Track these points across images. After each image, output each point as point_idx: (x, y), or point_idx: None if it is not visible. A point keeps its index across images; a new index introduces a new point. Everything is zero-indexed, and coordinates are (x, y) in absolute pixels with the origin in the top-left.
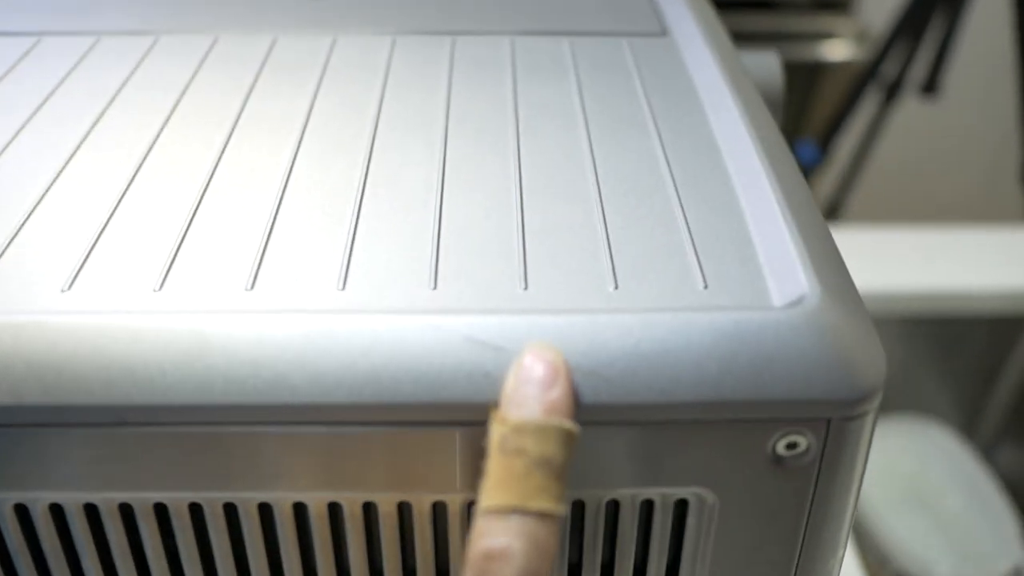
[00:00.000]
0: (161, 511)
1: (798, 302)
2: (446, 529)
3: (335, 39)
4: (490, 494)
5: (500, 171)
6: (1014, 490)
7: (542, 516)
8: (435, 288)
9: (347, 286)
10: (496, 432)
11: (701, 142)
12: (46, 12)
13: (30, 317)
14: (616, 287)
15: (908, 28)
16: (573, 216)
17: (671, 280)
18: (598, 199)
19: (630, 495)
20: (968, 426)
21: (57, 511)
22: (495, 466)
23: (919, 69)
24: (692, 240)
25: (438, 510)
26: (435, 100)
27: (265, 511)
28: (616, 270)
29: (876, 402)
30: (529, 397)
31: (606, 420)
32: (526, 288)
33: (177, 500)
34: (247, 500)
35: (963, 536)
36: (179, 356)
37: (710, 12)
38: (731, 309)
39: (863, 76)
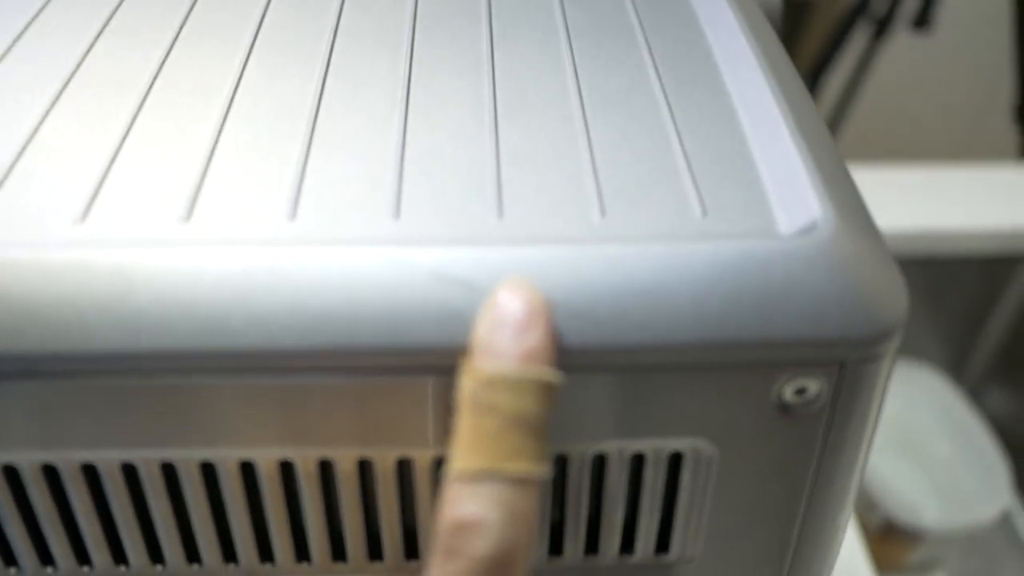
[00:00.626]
0: (91, 473)
1: (809, 229)
2: (413, 489)
3: None
4: (461, 456)
5: (472, 86)
6: (1003, 432)
7: (519, 481)
8: (398, 217)
9: (297, 215)
10: (466, 386)
11: (696, 54)
12: None
13: None
14: (603, 215)
15: None
16: (554, 136)
17: (665, 207)
18: (582, 117)
19: (618, 448)
20: (957, 368)
21: None
22: (465, 424)
23: (910, 3)
24: (688, 162)
25: (404, 468)
26: (401, 6)
27: (208, 471)
28: (603, 196)
29: (896, 342)
30: (503, 343)
31: (593, 365)
32: (501, 216)
33: (107, 460)
34: (186, 459)
35: (951, 480)
36: (100, 296)
37: None
38: (733, 238)
39: (852, 11)
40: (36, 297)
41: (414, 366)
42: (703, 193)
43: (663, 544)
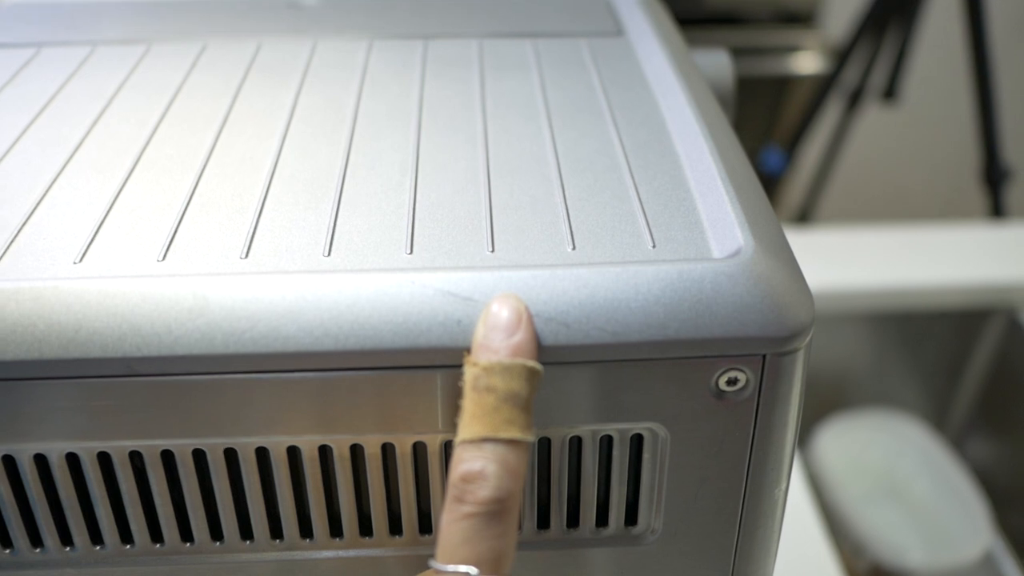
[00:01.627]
0: (168, 458)
1: (735, 254)
2: (426, 468)
3: (315, 43)
4: (466, 427)
5: (469, 155)
6: (984, 480)
7: (511, 443)
8: (411, 253)
9: (332, 252)
10: (469, 373)
11: (652, 126)
12: (44, 24)
13: (47, 283)
14: (574, 248)
15: (866, 38)
16: (536, 192)
17: (623, 241)
18: (558, 177)
19: (591, 431)
20: (938, 419)
21: (73, 460)
22: (469, 403)
23: (879, 77)
24: (643, 209)
25: (418, 450)
26: (409, 95)
27: (262, 455)
28: (574, 235)
29: (806, 339)
30: (496, 341)
31: (566, 360)
32: (493, 251)
33: (182, 447)
34: (246, 445)
35: (934, 524)
36: (181, 313)
37: (663, 14)
38: (675, 261)
39: (825, 85)
40: (134, 314)
41: (424, 364)
42: (653, 230)
43: (632, 517)
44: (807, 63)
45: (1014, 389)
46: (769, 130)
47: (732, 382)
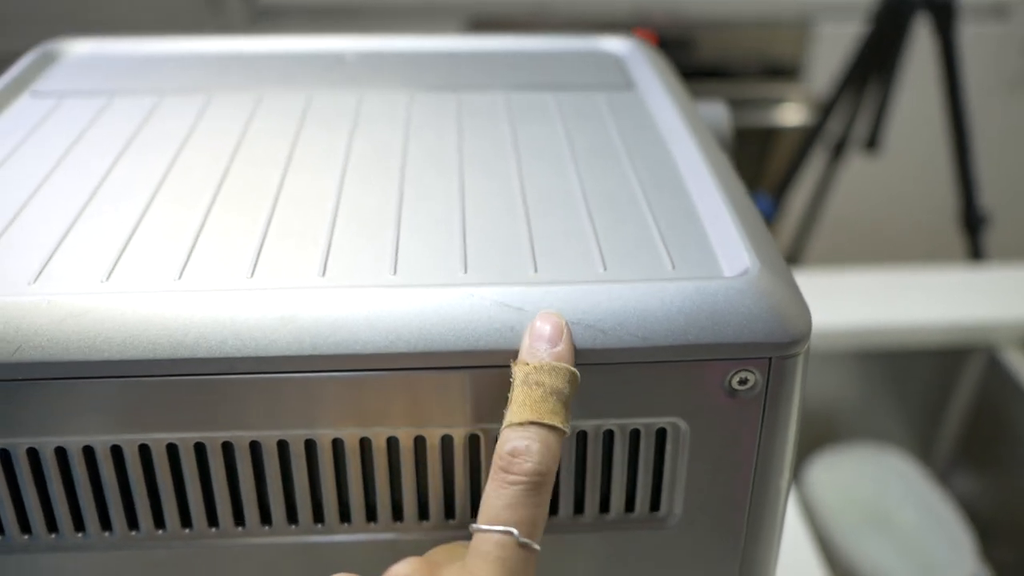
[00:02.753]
0: (227, 449)
1: (744, 273)
2: (452, 462)
3: (362, 95)
4: (514, 414)
5: (507, 192)
6: (969, 512)
7: (553, 428)
8: (466, 272)
9: (397, 272)
10: (520, 371)
11: (665, 167)
12: (115, 75)
13: (157, 295)
14: (605, 269)
15: (849, 91)
16: (568, 223)
17: (647, 263)
18: (586, 210)
19: (621, 425)
20: (923, 453)
21: (145, 451)
22: (518, 395)
23: (861, 128)
24: (662, 236)
25: (445, 444)
26: (447, 141)
27: (311, 448)
28: (604, 258)
29: (805, 345)
30: (541, 350)
31: (603, 362)
32: (536, 271)
33: (239, 438)
34: (296, 438)
35: (921, 551)
36: (274, 321)
37: (668, 70)
38: (693, 279)
39: (810, 135)
40: (233, 321)
41: (480, 364)
42: (672, 256)
43: (655, 504)
44: (792, 115)
45: (995, 424)
46: (757, 179)
47: (743, 382)
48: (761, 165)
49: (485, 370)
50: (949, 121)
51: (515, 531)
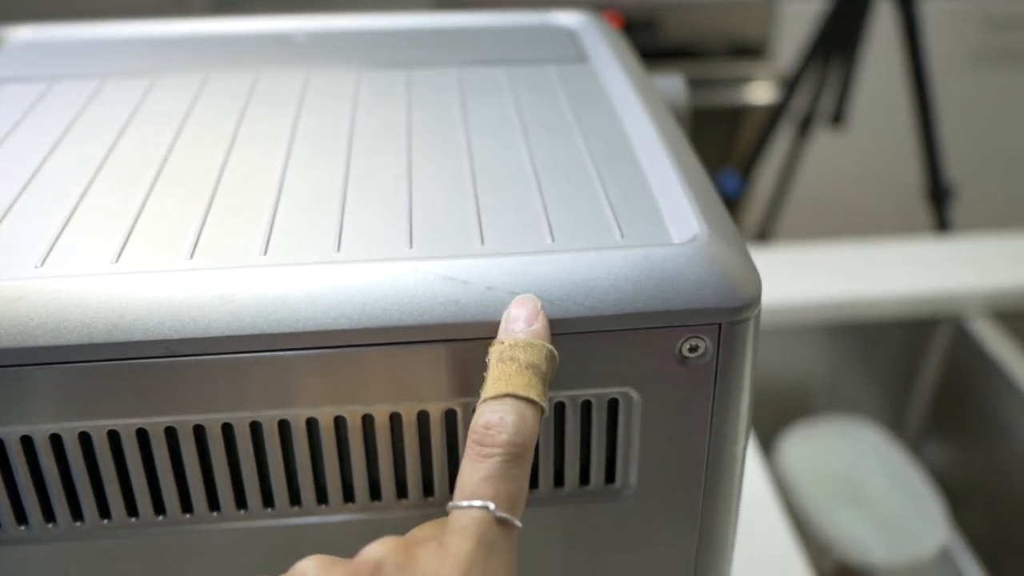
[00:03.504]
0: (199, 433)
1: (692, 240)
2: (428, 436)
3: (309, 74)
4: (489, 389)
5: (456, 167)
6: (940, 480)
7: (529, 401)
8: (411, 247)
9: (341, 248)
10: (495, 350)
11: (617, 139)
12: (57, 60)
13: (92, 279)
14: (553, 240)
15: (813, 67)
16: (517, 197)
17: (595, 233)
18: (536, 184)
19: (572, 396)
20: (894, 423)
21: (114, 437)
22: (493, 371)
23: (827, 103)
24: (611, 207)
25: (422, 419)
26: (397, 117)
27: (284, 428)
28: (553, 230)
29: (756, 310)
30: (517, 329)
31: (551, 333)
32: (483, 244)
33: (211, 421)
34: (270, 418)
35: (894, 522)
36: (213, 300)
37: (621, 42)
38: (641, 247)
39: (776, 112)
40: (171, 302)
41: (427, 339)
42: (621, 224)
43: (610, 476)
44: (760, 93)
45: (963, 393)
46: (725, 158)
47: (693, 349)
48: (730, 144)
49: (432, 345)
50: (913, 95)
51: (492, 505)
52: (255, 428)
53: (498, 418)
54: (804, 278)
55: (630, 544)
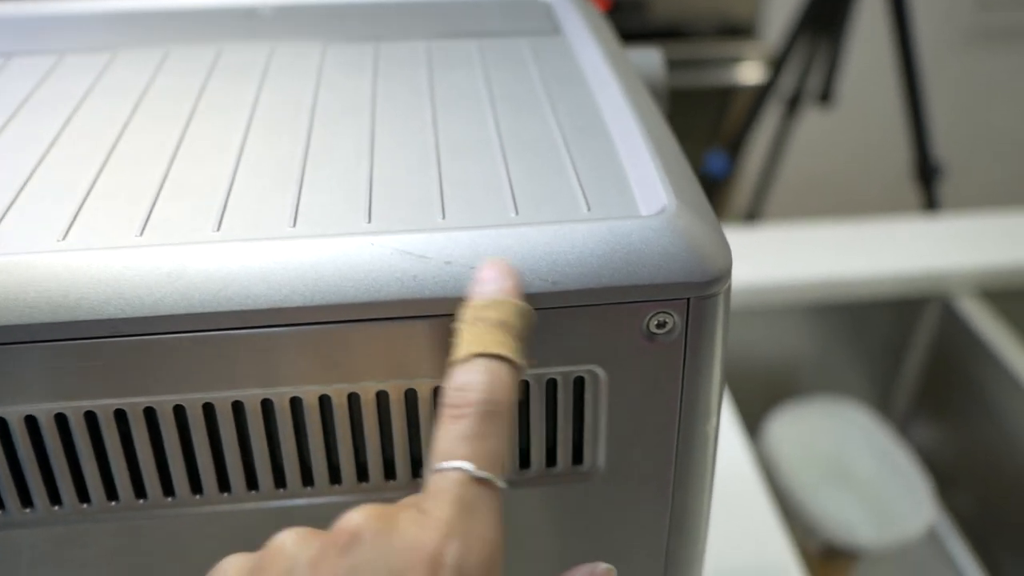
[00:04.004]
0: (180, 412)
1: (660, 212)
2: (418, 419)
3: (273, 48)
4: (458, 351)
5: (420, 141)
6: (927, 460)
7: (500, 358)
8: (370, 221)
9: (297, 223)
10: (464, 313)
11: (587, 112)
12: (12, 36)
13: (36, 256)
14: (517, 213)
15: (800, 45)
16: (482, 169)
17: (561, 206)
18: (502, 157)
19: (536, 375)
20: (881, 404)
21: (91, 418)
22: (463, 335)
23: (815, 82)
24: (579, 180)
25: (381, 398)
26: (362, 91)
27: (268, 407)
28: (517, 203)
29: (725, 285)
30: (484, 290)
31: None
32: (444, 218)
33: (192, 400)
34: (252, 397)
35: (882, 503)
36: (161, 278)
37: (596, 15)
38: (607, 219)
39: (763, 92)
40: (118, 280)
41: (385, 316)
42: (588, 196)
43: (577, 457)
44: (749, 73)
45: (951, 372)
46: (714, 138)
47: (661, 325)
48: (718, 124)
49: (385, 323)
50: (901, 74)
51: (469, 465)
52: (208, 410)
53: (468, 378)
54: (792, 258)
55: (598, 526)
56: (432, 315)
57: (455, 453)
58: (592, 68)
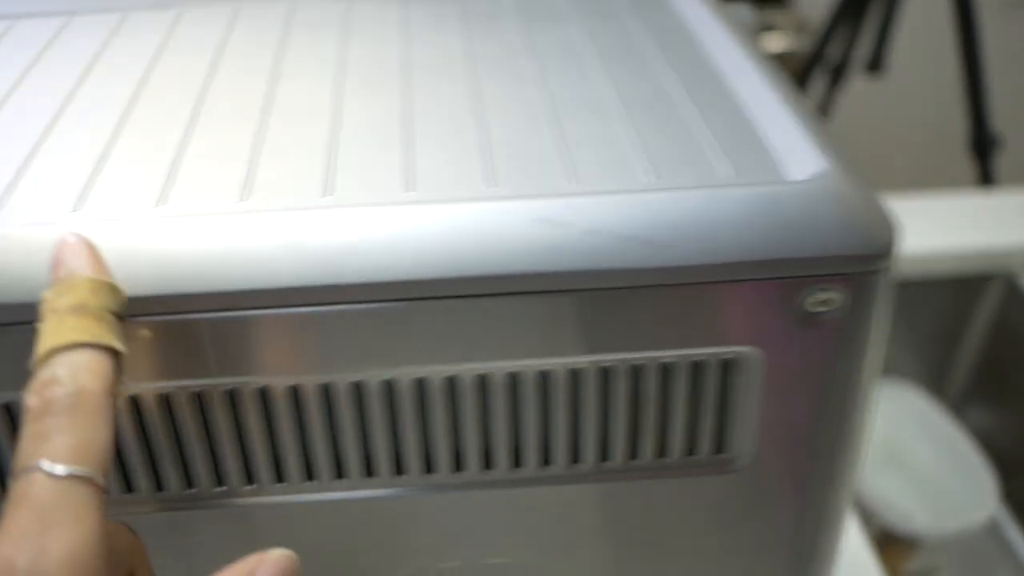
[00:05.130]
0: (264, 394)
1: (818, 176)
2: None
3: (351, 2)
4: (36, 352)
5: (527, 99)
6: (987, 445)
7: (76, 346)
8: (495, 186)
9: (418, 187)
10: (39, 309)
11: (701, 68)
12: None
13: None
14: (657, 176)
15: (848, 11)
16: (602, 130)
17: (703, 170)
18: (623, 116)
19: (681, 356)
20: (938, 385)
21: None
22: (39, 332)
23: (863, 49)
24: (716, 141)
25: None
26: (454, 46)
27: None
28: (656, 166)
29: (891, 259)
30: (57, 277)
31: (657, 283)
32: (573, 182)
33: (275, 383)
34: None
35: (940, 489)
36: (277, 249)
37: None
38: (762, 184)
39: (808, 62)
40: (225, 251)
41: (517, 290)
42: (733, 160)
43: (721, 445)
44: (781, 42)
45: (1013, 353)
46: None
47: (822, 303)
48: None
49: (525, 297)
50: (959, 39)
51: (47, 463)
52: (323, 392)
53: (48, 375)
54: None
55: (739, 521)
56: (570, 290)
57: (34, 455)
58: (698, 22)
